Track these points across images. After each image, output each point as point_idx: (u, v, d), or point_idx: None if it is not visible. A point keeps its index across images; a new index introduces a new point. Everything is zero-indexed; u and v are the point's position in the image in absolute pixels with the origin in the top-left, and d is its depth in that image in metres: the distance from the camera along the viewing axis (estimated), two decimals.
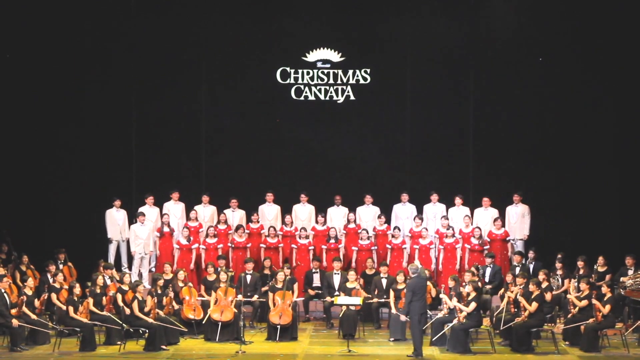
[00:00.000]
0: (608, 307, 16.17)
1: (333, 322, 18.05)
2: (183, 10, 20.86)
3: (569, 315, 16.59)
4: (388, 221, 19.79)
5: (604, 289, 16.38)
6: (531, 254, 18.74)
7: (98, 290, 16.84)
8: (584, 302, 16.36)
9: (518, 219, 19.77)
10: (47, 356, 15.90)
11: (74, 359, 15.76)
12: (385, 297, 17.68)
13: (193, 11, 20.88)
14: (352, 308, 16.92)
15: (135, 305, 16.41)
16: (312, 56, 21.20)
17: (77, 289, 16.53)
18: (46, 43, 20.65)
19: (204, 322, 17.12)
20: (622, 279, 17.75)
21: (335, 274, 18.37)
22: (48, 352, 16.13)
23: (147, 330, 16.24)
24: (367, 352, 16.18)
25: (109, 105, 20.95)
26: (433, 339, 16.41)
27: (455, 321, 16.05)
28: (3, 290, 16.41)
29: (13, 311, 16.25)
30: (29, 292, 16.81)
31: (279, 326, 16.91)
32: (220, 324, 16.90)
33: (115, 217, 19.90)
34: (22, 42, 20.58)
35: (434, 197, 19.89)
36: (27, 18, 20.57)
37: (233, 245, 19.34)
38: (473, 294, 16.11)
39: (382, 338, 17.18)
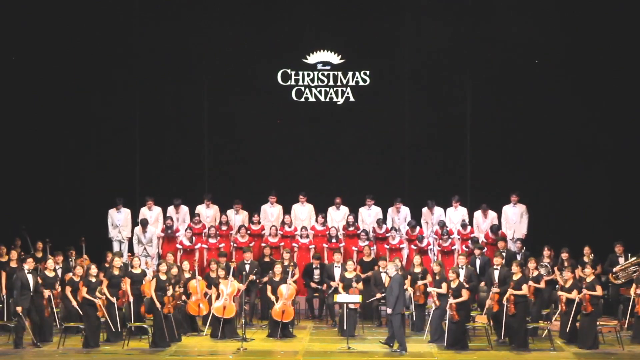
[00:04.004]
0: (599, 288, 16.37)
1: (331, 319, 18.32)
2: (185, 13, 21.05)
3: (559, 311, 16.71)
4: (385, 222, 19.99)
5: (587, 271, 16.56)
6: (518, 244, 18.95)
7: (116, 272, 16.88)
8: (574, 294, 16.46)
9: (517, 219, 19.97)
10: (51, 353, 16.03)
11: (78, 356, 15.88)
12: (383, 290, 17.81)
13: (195, 14, 21.09)
14: (351, 306, 17.11)
15: (153, 284, 16.44)
16: (313, 58, 21.43)
17: (94, 270, 16.53)
18: (51, 47, 20.90)
19: (209, 319, 17.27)
20: (614, 269, 18.04)
21: (335, 266, 18.56)
22: (52, 349, 16.27)
23: (149, 328, 16.44)
24: (366, 349, 16.35)
25: (113, 108, 21.19)
26: (432, 337, 16.71)
27: (448, 314, 16.24)
28: (27, 270, 16.49)
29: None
30: (51, 274, 16.94)
31: (280, 322, 17.09)
32: (222, 320, 17.08)
33: (115, 218, 20.11)
34: (27, 46, 20.85)
35: (432, 207, 20.04)
36: (31, 22, 20.80)
37: (236, 245, 19.56)
38: (459, 280, 16.35)
39: (382, 336, 17.18)
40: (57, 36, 20.89)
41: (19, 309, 16.19)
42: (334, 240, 19.47)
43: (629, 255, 18.29)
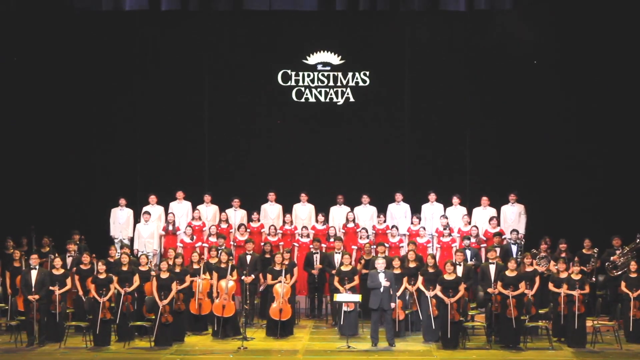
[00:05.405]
0: (587, 287, 16.55)
1: (331, 319, 18.46)
2: (186, 14, 21.11)
3: (562, 313, 16.74)
4: (386, 220, 20.15)
5: (576, 269, 16.71)
6: (514, 235, 19.09)
7: (125, 268, 16.98)
8: (564, 287, 16.55)
9: (515, 218, 20.10)
10: (52, 352, 16.15)
11: (79, 354, 16.03)
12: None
13: (196, 15, 21.16)
14: (345, 308, 17.12)
15: (154, 283, 16.64)
16: (313, 59, 21.54)
17: (102, 267, 16.70)
18: (53, 47, 21.02)
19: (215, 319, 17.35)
20: (612, 258, 18.22)
21: (336, 252, 18.66)
22: (54, 348, 16.39)
23: (151, 328, 16.58)
24: (365, 348, 16.51)
25: (113, 108, 21.30)
26: (426, 337, 16.89)
27: (449, 313, 16.39)
28: (32, 266, 16.60)
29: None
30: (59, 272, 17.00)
31: (279, 322, 17.22)
32: (222, 319, 17.23)
33: (118, 216, 20.27)
34: (29, 46, 20.98)
35: (432, 196, 20.23)
36: (33, 21, 20.91)
37: (235, 244, 19.70)
38: (457, 273, 16.59)
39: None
40: (59, 36, 20.97)
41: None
42: (332, 240, 19.54)
43: (624, 248, 18.49)
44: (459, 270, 17.14)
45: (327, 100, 21.57)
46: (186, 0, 20.48)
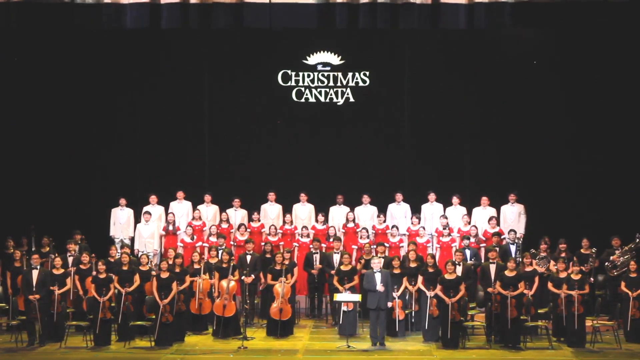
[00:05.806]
0: (587, 287, 16.58)
1: (331, 319, 18.47)
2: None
3: (563, 313, 16.75)
4: (386, 220, 20.18)
5: (575, 269, 16.73)
6: (512, 235, 19.12)
7: (125, 268, 17.03)
8: (564, 288, 16.60)
9: (514, 218, 20.14)
10: (54, 352, 16.20)
11: (80, 354, 16.08)
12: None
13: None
14: (345, 308, 17.17)
15: (154, 283, 16.69)
16: (313, 59, 21.56)
17: (101, 267, 16.76)
18: (53, 47, 21.05)
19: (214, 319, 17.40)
20: (611, 257, 18.24)
21: (335, 252, 18.73)
22: (54, 347, 16.44)
23: (151, 327, 16.61)
24: (365, 347, 16.54)
25: (113, 108, 21.33)
26: (426, 337, 16.91)
27: (449, 313, 16.44)
28: (33, 265, 16.67)
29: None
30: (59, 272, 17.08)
31: (279, 322, 17.27)
32: (222, 319, 17.26)
33: (118, 216, 20.30)
34: (29, 46, 21.00)
35: (432, 196, 20.27)
36: (34, 21, 20.92)
37: (235, 244, 19.72)
38: (457, 272, 16.63)
39: None
40: (59, 37, 20.98)
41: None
42: (331, 240, 19.56)
43: (624, 247, 18.53)
44: (459, 270, 17.17)
45: (327, 100, 21.60)
46: (186, 19, 20.44)
